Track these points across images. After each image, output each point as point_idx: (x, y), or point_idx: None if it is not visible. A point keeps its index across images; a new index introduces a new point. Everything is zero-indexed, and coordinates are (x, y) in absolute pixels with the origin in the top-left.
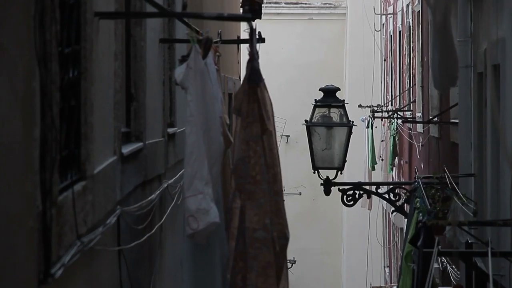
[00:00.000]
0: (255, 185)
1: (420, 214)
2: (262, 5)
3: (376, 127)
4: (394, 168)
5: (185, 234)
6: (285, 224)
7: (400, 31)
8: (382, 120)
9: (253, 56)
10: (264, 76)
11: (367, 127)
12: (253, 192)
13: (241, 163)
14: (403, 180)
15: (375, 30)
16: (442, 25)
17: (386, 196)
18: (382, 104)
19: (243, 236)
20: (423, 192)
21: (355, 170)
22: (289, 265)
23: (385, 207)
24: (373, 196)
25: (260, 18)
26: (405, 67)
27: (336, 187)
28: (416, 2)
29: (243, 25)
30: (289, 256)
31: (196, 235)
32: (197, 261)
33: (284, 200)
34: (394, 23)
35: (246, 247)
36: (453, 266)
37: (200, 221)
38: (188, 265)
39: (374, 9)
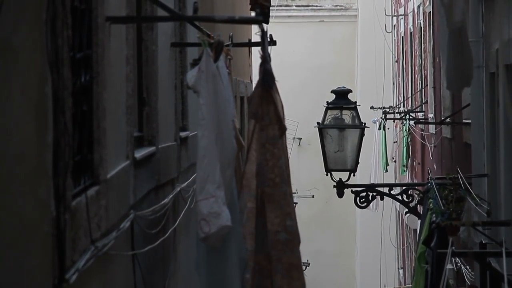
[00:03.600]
0: (274, 188)
1: (434, 215)
2: (272, 8)
3: (388, 128)
4: (407, 170)
5: (198, 238)
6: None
7: (411, 32)
8: (394, 121)
9: (265, 59)
10: (276, 79)
11: (379, 128)
12: (273, 195)
13: (261, 167)
14: (416, 181)
15: (386, 31)
16: (459, 25)
17: (399, 197)
18: (394, 105)
19: (265, 239)
20: (436, 193)
21: (368, 172)
22: (303, 267)
23: (398, 209)
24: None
25: (269, 21)
26: (416, 68)
27: (349, 189)
28: (427, 3)
29: (254, 28)
30: (303, 259)
31: (209, 238)
32: (213, 264)
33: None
34: (405, 24)
35: (270, 249)
36: (467, 267)
37: (212, 225)
38: (204, 269)
39: (385, 10)
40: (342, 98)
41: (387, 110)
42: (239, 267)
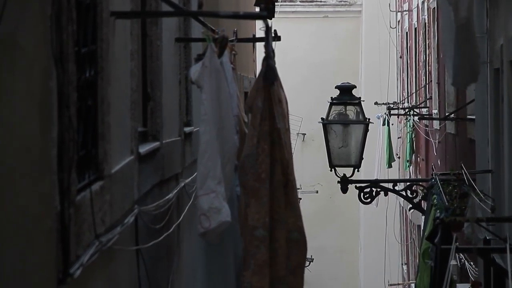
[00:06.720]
0: (259, 183)
1: (438, 211)
2: (277, 3)
3: (392, 124)
4: (411, 165)
5: (197, 233)
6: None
7: (415, 28)
8: (398, 117)
9: (269, 55)
10: (279, 74)
11: (383, 124)
12: (258, 190)
13: (247, 160)
14: (420, 177)
15: (390, 27)
16: (465, 21)
17: (403, 193)
18: (398, 101)
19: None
20: (440, 188)
21: (372, 167)
22: (306, 263)
23: (402, 204)
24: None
25: (274, 17)
26: (421, 64)
27: (353, 185)
28: None
29: (259, 24)
30: (307, 254)
31: (208, 234)
32: (211, 260)
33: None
34: (410, 20)
35: (246, 245)
36: (471, 263)
37: (212, 220)
38: (202, 265)
39: (389, 6)
40: (346, 94)
41: (391, 105)
42: (235, 263)
